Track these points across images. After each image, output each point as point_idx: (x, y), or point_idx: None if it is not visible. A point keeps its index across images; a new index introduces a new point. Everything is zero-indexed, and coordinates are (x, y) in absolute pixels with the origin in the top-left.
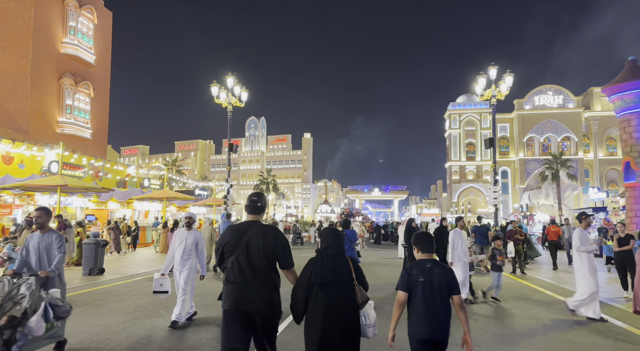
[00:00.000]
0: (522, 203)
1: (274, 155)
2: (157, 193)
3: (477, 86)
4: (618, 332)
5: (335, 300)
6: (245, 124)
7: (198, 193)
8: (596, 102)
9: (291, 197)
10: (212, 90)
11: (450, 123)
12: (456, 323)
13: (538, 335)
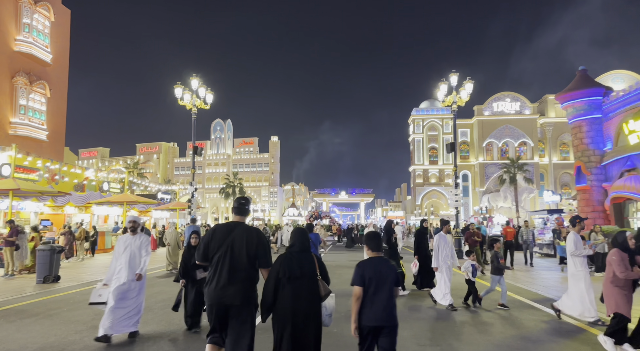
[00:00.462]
0: (481, 205)
1: (241, 158)
2: (117, 197)
3: (438, 92)
4: (570, 329)
5: (302, 292)
6: (211, 127)
7: (161, 197)
8: (551, 108)
9: (258, 200)
10: (176, 91)
11: (414, 128)
12: (416, 317)
13: (496, 333)
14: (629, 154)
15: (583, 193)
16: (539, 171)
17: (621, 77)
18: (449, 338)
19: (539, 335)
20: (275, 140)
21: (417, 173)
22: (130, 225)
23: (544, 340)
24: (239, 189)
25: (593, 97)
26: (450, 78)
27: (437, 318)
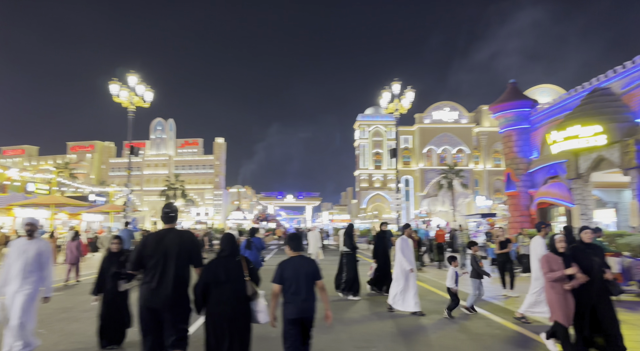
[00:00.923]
0: (421, 209)
1: (183, 160)
2: (44, 199)
3: (382, 100)
4: (495, 326)
5: (228, 294)
6: (151, 126)
7: (93, 199)
8: (485, 118)
9: (201, 203)
10: (111, 88)
11: (359, 133)
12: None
13: (429, 332)
14: (552, 163)
15: (512, 198)
16: (474, 177)
17: (547, 90)
18: (385, 340)
19: (481, 337)
20: (220, 141)
21: (362, 178)
22: (27, 228)
23: (482, 332)
24: (180, 192)
25: (521, 108)
26: (393, 86)
27: (395, 323)
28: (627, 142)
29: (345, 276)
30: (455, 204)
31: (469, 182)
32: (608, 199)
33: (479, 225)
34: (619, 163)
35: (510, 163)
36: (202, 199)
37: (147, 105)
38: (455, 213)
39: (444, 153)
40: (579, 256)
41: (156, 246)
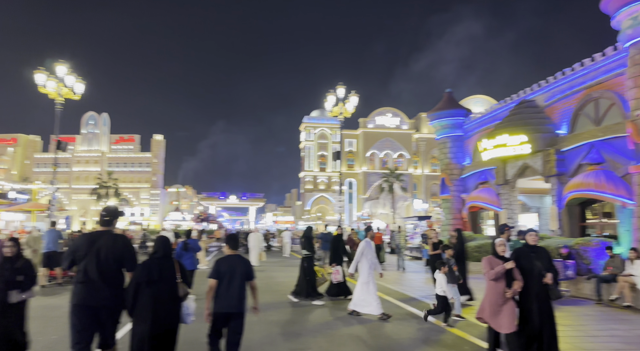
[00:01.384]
0: (364, 211)
1: (118, 157)
2: None
3: (327, 103)
4: (427, 326)
5: (160, 294)
6: (82, 120)
7: (14, 197)
8: (424, 125)
9: (137, 203)
10: (37, 77)
11: (305, 135)
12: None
13: (364, 333)
14: (482, 169)
15: (446, 202)
16: (413, 181)
17: (480, 101)
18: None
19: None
20: (159, 138)
21: (307, 180)
22: None
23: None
24: (113, 191)
25: (456, 117)
26: (338, 90)
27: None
28: (549, 151)
29: (309, 281)
30: (395, 207)
31: (409, 185)
32: (531, 204)
33: (416, 227)
34: (541, 171)
35: (445, 169)
36: (137, 199)
37: (78, 97)
38: (395, 216)
39: (385, 158)
40: (521, 259)
41: (89, 248)
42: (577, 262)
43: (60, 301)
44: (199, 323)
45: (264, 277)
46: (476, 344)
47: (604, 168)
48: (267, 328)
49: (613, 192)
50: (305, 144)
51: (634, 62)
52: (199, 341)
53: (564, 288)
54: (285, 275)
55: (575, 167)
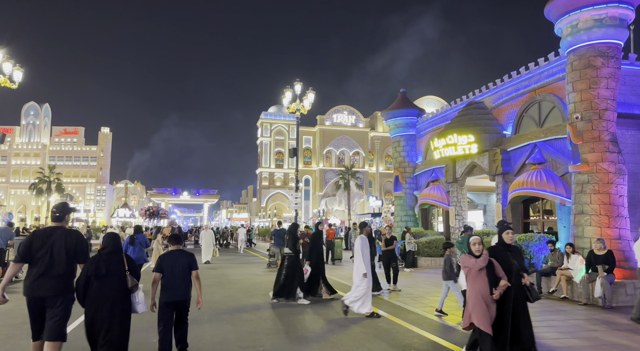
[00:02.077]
0: (320, 208)
1: (61, 150)
2: None
3: (284, 99)
4: (379, 319)
5: (109, 286)
6: (22, 110)
7: None
8: (379, 124)
9: (81, 199)
10: None
11: (262, 131)
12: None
13: (317, 328)
14: (433, 167)
15: (399, 199)
16: (368, 179)
17: (433, 101)
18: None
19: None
20: (106, 131)
21: (263, 176)
22: None
23: (357, 331)
24: (55, 185)
25: (409, 116)
26: (295, 86)
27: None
28: (495, 151)
29: (297, 280)
30: (351, 204)
31: (364, 183)
32: (478, 201)
33: (370, 223)
34: (487, 170)
35: (399, 167)
36: (82, 194)
37: (15, 86)
38: (350, 212)
39: (342, 155)
40: (498, 258)
41: (43, 242)
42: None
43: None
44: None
45: (217, 275)
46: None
47: (545, 168)
48: (234, 330)
49: (553, 191)
50: (261, 140)
51: (572, 68)
52: (150, 341)
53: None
54: (239, 272)
55: (519, 166)
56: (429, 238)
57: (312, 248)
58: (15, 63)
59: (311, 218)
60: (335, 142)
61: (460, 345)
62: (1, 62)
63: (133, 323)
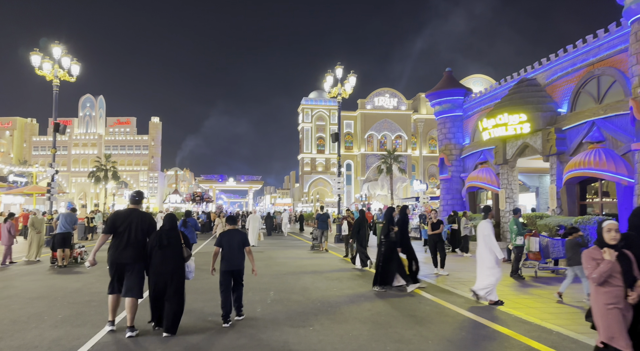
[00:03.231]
0: (362, 193)
1: (115, 139)
2: None
3: (325, 84)
4: (427, 303)
5: (169, 255)
6: (79, 103)
7: (13, 180)
8: (423, 105)
9: (135, 185)
10: (33, 59)
11: (303, 117)
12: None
13: (364, 310)
14: (482, 149)
15: (445, 182)
16: (411, 162)
17: (480, 80)
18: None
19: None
20: (156, 121)
21: (305, 162)
22: None
23: (394, 314)
24: (112, 173)
25: (456, 96)
26: (336, 70)
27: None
28: (549, 130)
29: (414, 265)
30: (394, 188)
31: (407, 167)
32: (530, 184)
33: (414, 208)
34: (541, 150)
35: (444, 149)
36: (136, 181)
37: (74, 79)
38: (393, 197)
39: (383, 139)
40: (633, 249)
41: (124, 220)
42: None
43: (65, 282)
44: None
45: (264, 258)
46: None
47: (604, 147)
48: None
49: (613, 171)
50: (303, 126)
51: (637, 38)
52: (202, 288)
53: (563, 266)
54: (285, 255)
55: (576, 146)
56: (477, 221)
57: (361, 231)
58: (73, 58)
59: (353, 203)
60: (377, 125)
61: (512, 328)
62: (61, 57)
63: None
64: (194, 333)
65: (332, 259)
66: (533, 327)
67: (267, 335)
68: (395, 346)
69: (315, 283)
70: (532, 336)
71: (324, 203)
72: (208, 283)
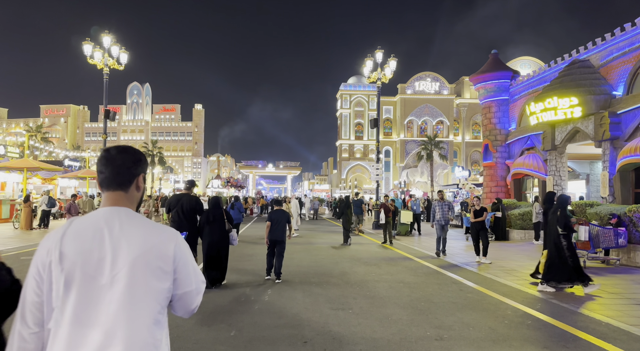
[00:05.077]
0: (400, 180)
1: (161, 126)
2: (16, 162)
3: (365, 68)
4: (468, 290)
5: (215, 228)
6: (127, 90)
7: (68, 164)
8: (466, 90)
9: (180, 171)
10: (85, 48)
11: (341, 103)
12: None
13: (404, 296)
14: (529, 134)
15: (489, 169)
16: (452, 148)
17: (528, 62)
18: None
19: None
20: (199, 108)
21: (343, 148)
22: None
23: (445, 301)
24: (158, 158)
25: (502, 79)
26: (376, 55)
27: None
28: (602, 114)
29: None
30: (434, 175)
31: (448, 153)
32: (580, 170)
33: (456, 195)
34: (592, 135)
35: (489, 135)
36: (180, 167)
37: (122, 67)
38: (434, 184)
39: (424, 125)
40: None
41: (176, 203)
42: (630, 230)
43: None
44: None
45: (303, 242)
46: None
47: None
48: None
49: None
50: (341, 112)
51: None
52: (248, 253)
53: (614, 256)
54: (323, 240)
55: (632, 131)
56: (522, 209)
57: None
58: (121, 46)
59: (391, 190)
60: (417, 111)
61: (557, 318)
62: (110, 46)
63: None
64: (243, 286)
65: (371, 245)
66: (581, 318)
67: (307, 316)
68: (435, 331)
69: (353, 268)
70: (580, 327)
71: (362, 190)
72: (253, 250)
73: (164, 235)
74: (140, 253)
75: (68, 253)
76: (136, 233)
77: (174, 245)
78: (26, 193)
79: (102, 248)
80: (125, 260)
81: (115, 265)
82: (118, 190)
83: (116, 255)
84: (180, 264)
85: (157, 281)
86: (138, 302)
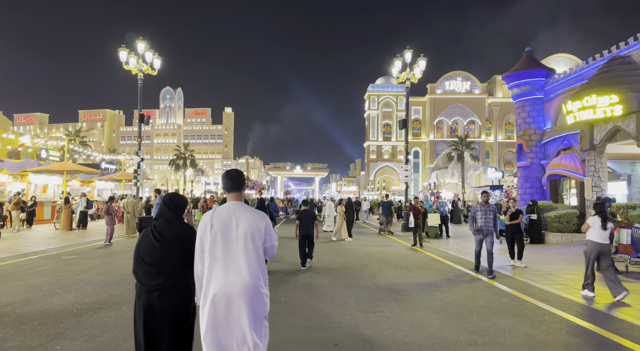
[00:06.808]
0: (430, 181)
1: (192, 129)
2: (57, 165)
3: (393, 69)
4: (503, 295)
5: None
6: (160, 95)
7: (105, 167)
8: (498, 89)
9: (211, 173)
10: (120, 55)
11: (369, 104)
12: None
13: (435, 300)
14: (565, 134)
15: (523, 170)
16: (484, 149)
17: (564, 60)
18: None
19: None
20: (229, 111)
21: (371, 149)
22: None
23: (478, 305)
24: (190, 161)
25: (536, 78)
26: (405, 54)
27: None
28: None
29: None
30: (465, 176)
31: (480, 153)
32: (621, 171)
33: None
34: (634, 134)
35: (523, 135)
36: (211, 169)
37: (155, 73)
38: (465, 185)
39: (454, 125)
40: None
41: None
42: None
43: None
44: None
45: (332, 243)
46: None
47: None
48: None
49: None
50: (369, 113)
51: None
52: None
53: None
54: (353, 242)
55: None
56: (558, 212)
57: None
58: (155, 52)
59: (421, 192)
60: (448, 111)
61: (599, 325)
62: (144, 52)
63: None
64: (272, 287)
65: (400, 247)
66: (624, 325)
67: (337, 318)
68: (469, 336)
69: (383, 270)
70: (623, 334)
71: (390, 191)
72: (282, 251)
73: (259, 216)
74: (248, 225)
75: (214, 224)
76: (247, 215)
77: (265, 221)
78: (65, 195)
79: (230, 221)
80: (242, 229)
81: (237, 230)
82: (237, 192)
83: (237, 225)
84: (267, 231)
85: (258, 239)
86: (249, 249)
